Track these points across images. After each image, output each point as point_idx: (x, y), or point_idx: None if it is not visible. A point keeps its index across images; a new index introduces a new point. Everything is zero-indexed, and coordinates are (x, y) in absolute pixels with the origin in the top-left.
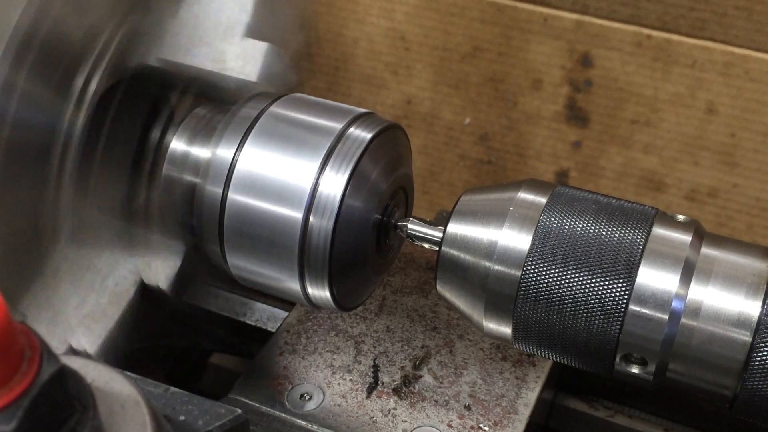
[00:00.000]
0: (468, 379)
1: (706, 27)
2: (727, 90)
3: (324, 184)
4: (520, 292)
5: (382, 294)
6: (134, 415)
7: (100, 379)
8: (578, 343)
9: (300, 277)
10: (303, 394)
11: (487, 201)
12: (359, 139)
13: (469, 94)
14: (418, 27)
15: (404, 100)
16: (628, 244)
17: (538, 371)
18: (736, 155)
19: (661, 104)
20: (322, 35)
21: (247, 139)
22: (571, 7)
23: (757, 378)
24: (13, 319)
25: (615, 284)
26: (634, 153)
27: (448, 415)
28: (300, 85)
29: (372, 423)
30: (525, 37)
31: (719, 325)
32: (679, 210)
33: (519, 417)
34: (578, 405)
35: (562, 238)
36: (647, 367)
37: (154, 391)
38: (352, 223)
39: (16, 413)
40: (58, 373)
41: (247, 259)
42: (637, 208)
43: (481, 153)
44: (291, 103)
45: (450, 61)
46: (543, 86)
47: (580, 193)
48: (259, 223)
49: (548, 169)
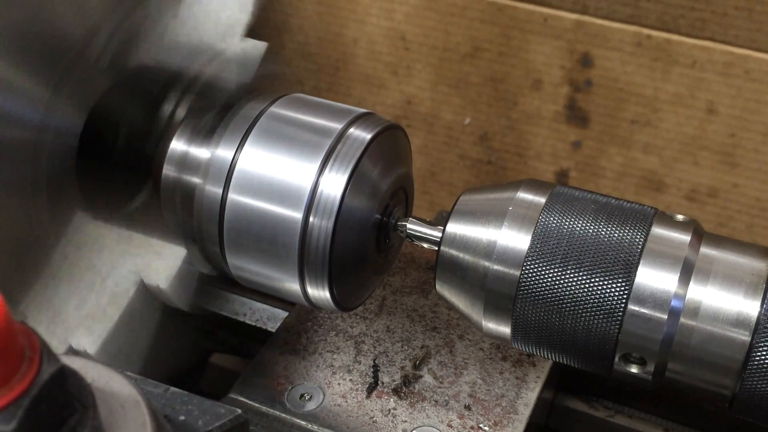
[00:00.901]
0: (468, 379)
1: (706, 27)
2: (727, 90)
3: (324, 184)
4: (519, 291)
5: (382, 294)
6: (134, 415)
7: (100, 379)
8: (577, 342)
9: (300, 277)
10: (303, 394)
11: (487, 201)
12: (359, 140)
13: (469, 94)
14: (418, 27)
15: (404, 100)
16: (627, 244)
17: (538, 371)
18: (736, 155)
19: (661, 104)
20: (322, 35)
21: (247, 139)
22: (571, 7)
23: (756, 377)
24: (13, 319)
25: (614, 284)
26: (634, 153)
27: (448, 415)
28: (300, 85)
29: (372, 423)
30: (525, 37)
31: (718, 324)
32: (679, 210)
33: (519, 417)
34: (578, 405)
35: (561, 238)
36: (646, 366)
37: (154, 391)
38: (352, 223)
39: (16, 413)
40: (58, 373)
41: (247, 260)
42: (636, 207)
43: (481, 153)
44: (291, 103)
45: (450, 61)
46: (543, 86)
47: (579, 192)
48: (259, 224)
49: (548, 169)
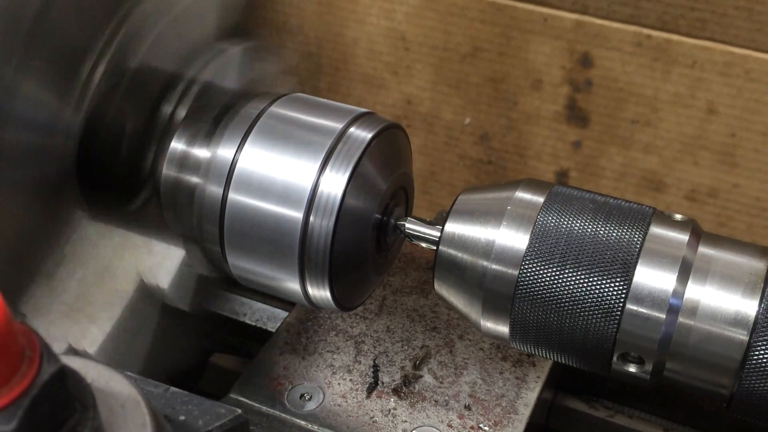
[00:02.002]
0: (468, 379)
1: (706, 27)
2: (727, 90)
3: (324, 184)
4: (517, 291)
5: (382, 294)
6: (134, 415)
7: (100, 379)
8: (575, 342)
9: (300, 277)
10: (303, 394)
11: (485, 200)
12: (359, 139)
13: (469, 94)
14: (418, 27)
15: (404, 100)
16: (626, 243)
17: (538, 371)
18: (736, 155)
19: (661, 104)
20: (322, 35)
21: (248, 139)
22: (571, 7)
23: (754, 377)
24: (13, 319)
25: (612, 283)
26: (634, 153)
27: (448, 415)
28: (300, 85)
29: (372, 423)
30: (525, 37)
31: (716, 324)
32: (680, 210)
33: (519, 417)
34: (578, 405)
35: (560, 238)
36: (644, 366)
37: (154, 391)
38: (352, 223)
39: (16, 413)
40: (58, 373)
41: (247, 259)
42: (634, 207)
43: (481, 153)
44: (291, 103)
45: (450, 61)
46: (543, 86)
47: (577, 192)
48: (259, 223)
49: (548, 169)
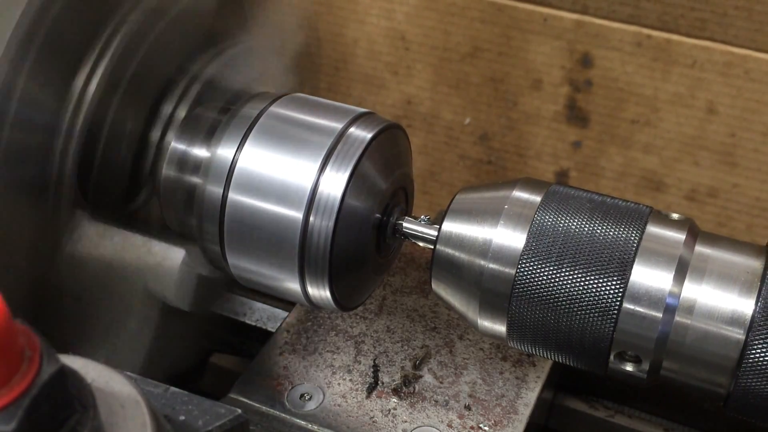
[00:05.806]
0: (468, 379)
1: (706, 27)
2: (727, 90)
3: (324, 184)
4: (514, 290)
5: (382, 294)
6: (134, 415)
7: (100, 379)
8: (572, 341)
9: (300, 277)
10: (303, 394)
11: (482, 199)
12: (359, 139)
13: (469, 94)
14: (418, 27)
15: (404, 100)
16: (623, 243)
17: (538, 371)
18: (736, 155)
19: (661, 104)
20: (322, 35)
21: (248, 138)
22: (571, 7)
23: (751, 375)
24: (13, 319)
25: (609, 282)
26: (634, 153)
27: (448, 415)
28: (300, 85)
29: (372, 423)
30: (525, 37)
31: (713, 322)
32: (679, 210)
33: (519, 417)
34: (578, 405)
35: (557, 237)
36: (641, 365)
37: (154, 391)
38: (352, 222)
39: (16, 413)
40: (58, 373)
41: (247, 259)
42: (631, 206)
43: (481, 153)
44: (291, 103)
45: (450, 61)
46: (543, 86)
47: (574, 191)
48: (259, 223)
49: (548, 169)
